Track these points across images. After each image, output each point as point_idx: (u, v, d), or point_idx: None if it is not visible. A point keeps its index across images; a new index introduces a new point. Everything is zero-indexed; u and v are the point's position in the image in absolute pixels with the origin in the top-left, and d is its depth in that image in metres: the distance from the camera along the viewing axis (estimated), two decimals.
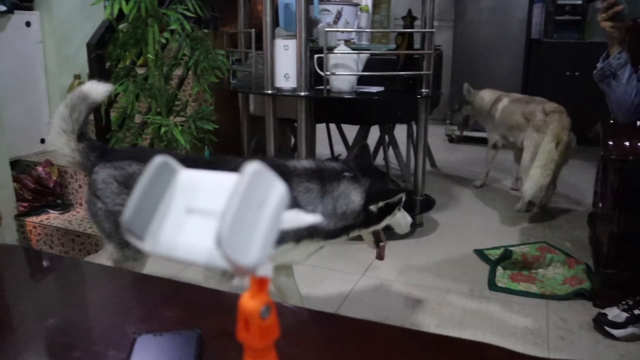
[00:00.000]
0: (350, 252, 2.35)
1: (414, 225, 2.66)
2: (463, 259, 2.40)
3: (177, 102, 2.79)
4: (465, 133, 4.79)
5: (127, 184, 1.55)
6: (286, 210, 0.36)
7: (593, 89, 2.20)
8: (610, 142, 1.88)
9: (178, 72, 2.79)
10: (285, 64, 2.40)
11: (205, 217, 0.35)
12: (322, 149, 3.77)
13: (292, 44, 2.36)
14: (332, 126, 3.89)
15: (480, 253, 2.42)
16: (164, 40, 2.45)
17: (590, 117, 2.80)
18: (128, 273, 1.15)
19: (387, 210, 1.54)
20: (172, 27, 2.36)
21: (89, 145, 1.56)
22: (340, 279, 2.18)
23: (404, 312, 1.96)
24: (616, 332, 1.77)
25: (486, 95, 3.37)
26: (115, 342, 0.70)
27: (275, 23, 2.66)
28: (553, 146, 2.73)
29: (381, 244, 1.64)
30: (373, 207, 1.50)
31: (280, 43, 2.38)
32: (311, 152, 2.57)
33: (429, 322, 1.88)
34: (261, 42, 2.47)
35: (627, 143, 1.92)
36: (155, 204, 0.37)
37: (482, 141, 4.75)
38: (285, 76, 2.42)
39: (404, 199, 1.59)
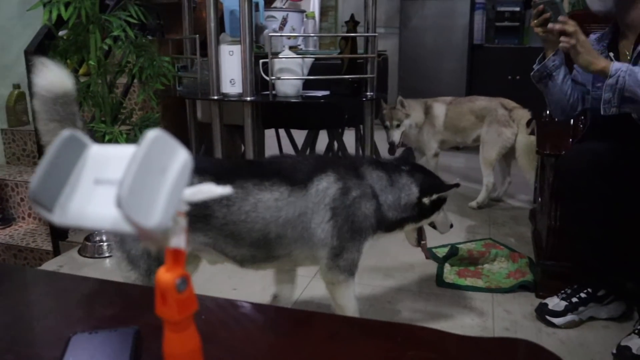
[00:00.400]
0: None
1: None
2: (411, 257, 2.44)
3: (122, 110, 2.75)
4: None
5: None
6: (200, 184, 0.37)
7: (533, 91, 2.30)
8: (544, 139, 1.97)
9: (123, 79, 2.75)
10: (231, 70, 2.41)
11: (112, 186, 0.35)
12: (271, 154, 3.77)
13: (237, 49, 2.37)
14: (282, 132, 3.90)
15: (429, 251, 2.47)
16: (106, 47, 2.41)
17: (531, 118, 2.94)
18: (65, 276, 1.12)
19: (437, 205, 1.63)
20: (115, 33, 2.33)
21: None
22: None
23: None
24: (556, 320, 1.85)
25: (415, 106, 3.26)
26: (50, 343, 0.69)
27: (221, 29, 2.66)
28: (530, 138, 2.88)
29: (422, 242, 1.73)
30: (426, 200, 1.59)
31: (225, 49, 2.38)
32: (259, 157, 2.58)
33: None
34: (207, 49, 2.46)
35: (559, 139, 2.02)
36: (64, 177, 0.38)
37: None
38: (231, 82, 2.42)
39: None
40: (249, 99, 2.38)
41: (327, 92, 2.62)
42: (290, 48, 2.68)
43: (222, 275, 2.17)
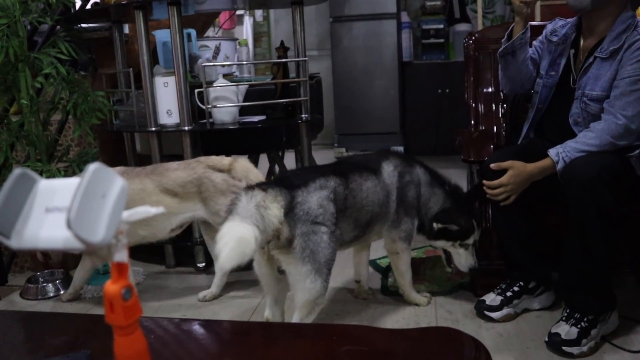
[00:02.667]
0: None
1: None
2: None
3: (58, 147, 2.72)
4: (353, 154, 5.04)
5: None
6: (140, 207, 0.44)
7: (461, 103, 2.46)
8: (468, 147, 2.12)
9: (57, 116, 2.72)
10: (167, 101, 2.44)
11: (61, 212, 0.42)
12: None
13: (171, 80, 2.41)
14: None
15: (373, 263, 2.57)
16: (38, 85, 2.40)
17: (460, 128, 3.07)
18: (9, 313, 1.13)
19: (445, 235, 1.97)
20: (46, 71, 2.32)
21: None
22: (239, 303, 2.22)
23: None
24: (494, 315, 1.97)
25: None
26: None
27: (154, 61, 2.69)
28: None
29: (450, 265, 2.08)
30: (434, 225, 1.95)
31: (159, 80, 2.42)
32: None
33: None
34: (141, 81, 2.49)
35: (484, 146, 2.17)
36: (18, 207, 0.44)
37: None
38: (167, 112, 2.46)
39: (471, 241, 1.98)
40: (186, 128, 2.42)
41: (263, 117, 2.70)
42: (225, 76, 2.75)
43: (170, 304, 2.19)
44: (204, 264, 2.54)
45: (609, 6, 1.79)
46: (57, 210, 0.44)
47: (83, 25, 2.93)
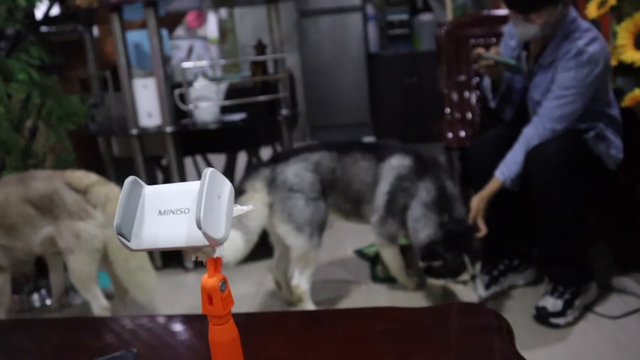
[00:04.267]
0: (237, 279, 2.42)
1: None
2: (346, 259, 2.59)
3: (33, 155, 2.67)
4: None
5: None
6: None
7: (428, 91, 2.54)
8: (450, 135, 2.19)
9: (29, 122, 2.67)
10: (147, 103, 2.44)
11: (176, 215, 0.46)
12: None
13: (150, 82, 2.40)
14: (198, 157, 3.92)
15: (360, 252, 2.63)
16: (12, 92, 2.35)
17: (430, 115, 3.16)
18: (36, 322, 1.13)
19: (432, 273, 1.92)
20: (20, 77, 2.28)
21: None
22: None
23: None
24: (482, 293, 2.05)
25: None
26: None
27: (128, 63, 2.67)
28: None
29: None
30: (419, 263, 1.95)
31: (139, 83, 2.41)
32: None
33: None
34: (115, 83, 2.47)
35: (462, 133, 2.25)
36: (133, 212, 0.47)
37: None
38: (148, 114, 2.45)
39: (466, 277, 1.88)
40: (169, 129, 2.42)
41: (243, 115, 2.72)
42: (199, 74, 2.74)
43: None
44: (193, 264, 2.55)
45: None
46: (170, 212, 0.49)
47: (50, 28, 2.88)
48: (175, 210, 0.48)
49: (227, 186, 0.49)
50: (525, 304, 1.99)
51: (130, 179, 0.51)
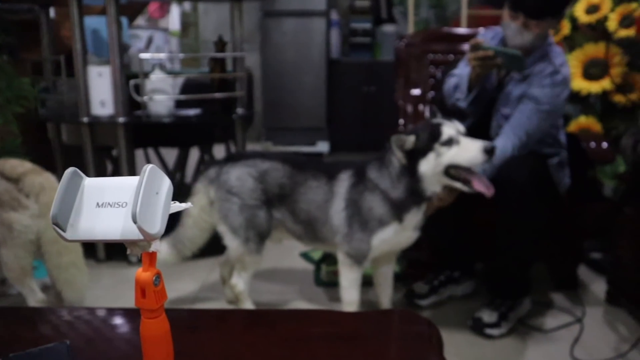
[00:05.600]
0: (183, 274, 2.40)
1: None
2: (290, 263, 2.60)
3: None
4: (279, 148, 5.10)
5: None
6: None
7: (385, 101, 2.58)
8: None
9: None
10: (101, 91, 2.38)
11: (114, 208, 0.46)
12: None
13: (105, 70, 2.35)
14: (150, 150, 3.86)
15: (305, 255, 2.65)
16: None
17: (385, 125, 3.21)
18: None
19: (420, 151, 1.66)
20: None
21: None
22: (175, 302, 2.22)
23: None
24: (422, 302, 2.11)
25: None
26: None
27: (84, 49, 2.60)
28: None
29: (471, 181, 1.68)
30: (398, 153, 1.68)
31: (93, 70, 2.36)
32: None
33: None
34: (69, 69, 2.41)
35: None
36: (71, 203, 0.47)
37: (300, 154, 5.10)
38: (101, 103, 2.40)
39: (441, 130, 1.65)
40: (122, 120, 2.37)
41: (198, 111, 2.69)
42: (156, 66, 2.70)
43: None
44: (137, 257, 2.50)
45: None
46: (109, 205, 0.49)
47: (4, 6, 2.77)
48: (113, 203, 0.49)
49: (166, 183, 0.50)
50: (462, 315, 2.06)
51: (70, 170, 0.51)
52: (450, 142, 1.65)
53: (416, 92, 2.61)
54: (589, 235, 2.57)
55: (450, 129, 1.67)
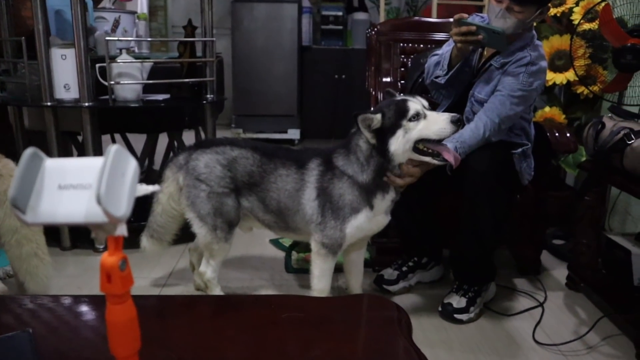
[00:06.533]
0: (151, 261, 2.37)
1: None
2: (261, 249, 2.60)
3: None
4: (249, 135, 5.07)
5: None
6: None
7: (357, 89, 2.58)
8: None
9: None
10: (65, 74, 2.32)
11: (77, 190, 0.45)
12: None
13: (70, 53, 2.29)
14: (118, 137, 3.79)
15: (275, 242, 2.65)
16: None
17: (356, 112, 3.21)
18: None
19: (388, 129, 1.63)
20: None
21: None
22: (142, 286, 2.20)
23: None
24: (391, 288, 2.14)
25: None
26: None
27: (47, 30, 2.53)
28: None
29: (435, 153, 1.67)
30: (366, 133, 1.66)
31: (57, 52, 2.29)
32: None
33: None
34: (31, 51, 2.33)
35: None
36: (31, 185, 0.46)
37: (264, 141, 5.07)
38: (65, 87, 2.33)
39: (407, 106, 1.63)
40: (87, 104, 2.31)
41: (167, 96, 2.65)
42: (123, 50, 2.64)
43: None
44: (103, 245, 2.46)
45: (519, 34, 1.90)
46: (72, 187, 0.47)
47: None
48: (76, 185, 0.47)
49: (132, 164, 0.49)
50: (431, 300, 2.10)
51: (29, 150, 0.49)
52: (417, 116, 1.64)
53: (387, 80, 2.63)
54: (552, 222, 2.65)
55: (416, 104, 1.66)
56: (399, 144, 1.65)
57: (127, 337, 0.52)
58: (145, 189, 0.50)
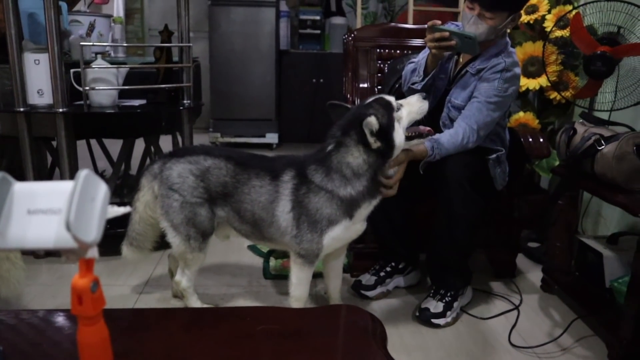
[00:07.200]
0: (129, 268, 2.35)
1: None
2: (239, 255, 2.59)
3: None
4: (227, 139, 5.05)
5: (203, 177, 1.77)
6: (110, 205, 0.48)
7: (334, 93, 2.59)
8: None
9: None
10: (38, 80, 2.29)
11: (47, 214, 0.45)
12: (83, 167, 3.59)
13: (43, 57, 2.26)
14: (93, 141, 3.74)
15: (253, 248, 2.64)
16: None
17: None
18: None
19: (384, 127, 1.64)
20: None
21: None
22: (120, 294, 2.17)
23: None
24: (369, 293, 2.16)
25: None
26: None
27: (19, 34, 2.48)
28: None
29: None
30: (371, 139, 1.63)
31: (30, 57, 2.26)
32: (74, 171, 2.47)
33: None
34: (3, 55, 2.29)
35: None
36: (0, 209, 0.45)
37: (242, 145, 5.06)
38: (38, 92, 2.30)
39: (388, 100, 1.69)
40: (61, 110, 2.28)
41: (143, 101, 2.62)
42: (99, 55, 2.62)
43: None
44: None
45: (492, 41, 1.95)
46: (41, 212, 0.47)
47: None
48: (46, 209, 0.47)
49: (102, 189, 0.49)
50: (408, 305, 2.11)
51: None
52: (400, 107, 1.71)
53: (364, 85, 2.64)
54: (526, 225, 2.69)
55: (389, 97, 1.73)
56: (399, 136, 1.68)
57: (99, 358, 0.51)
58: (115, 211, 0.50)
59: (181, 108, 2.63)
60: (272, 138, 5.16)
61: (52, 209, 0.47)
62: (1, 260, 1.66)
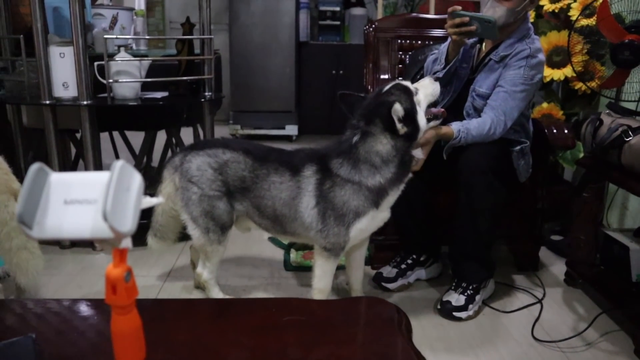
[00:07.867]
0: (152, 258, 2.38)
1: None
2: (260, 247, 2.60)
3: None
4: (247, 131, 5.07)
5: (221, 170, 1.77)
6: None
7: (355, 85, 2.57)
8: None
9: None
10: (63, 72, 2.32)
11: (82, 205, 0.45)
12: (106, 159, 3.64)
13: (68, 51, 2.29)
14: (115, 134, 3.78)
15: (274, 239, 2.65)
16: None
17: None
18: None
19: (409, 112, 1.65)
20: None
21: None
22: (143, 285, 2.20)
23: None
24: (390, 285, 2.15)
25: None
26: None
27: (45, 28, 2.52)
28: None
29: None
30: (398, 124, 1.63)
31: (55, 50, 2.28)
32: (97, 162, 2.50)
33: None
34: (30, 48, 2.33)
35: None
36: (37, 200, 0.46)
37: (262, 138, 5.07)
38: (64, 85, 2.33)
39: (406, 85, 1.71)
40: (86, 102, 2.31)
41: (165, 93, 2.64)
42: (122, 47, 2.64)
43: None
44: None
45: (512, 25, 1.94)
46: (77, 202, 0.48)
47: None
48: (82, 200, 0.48)
49: (136, 179, 0.49)
50: (430, 298, 2.11)
51: (35, 165, 0.49)
52: (417, 90, 1.71)
53: (385, 76, 2.63)
54: (550, 218, 2.66)
55: (404, 81, 1.74)
56: (422, 119, 1.70)
57: (133, 347, 0.52)
58: (149, 201, 0.50)
59: (202, 100, 2.64)
60: (291, 130, 5.16)
61: (87, 199, 0.47)
62: (19, 250, 1.68)
